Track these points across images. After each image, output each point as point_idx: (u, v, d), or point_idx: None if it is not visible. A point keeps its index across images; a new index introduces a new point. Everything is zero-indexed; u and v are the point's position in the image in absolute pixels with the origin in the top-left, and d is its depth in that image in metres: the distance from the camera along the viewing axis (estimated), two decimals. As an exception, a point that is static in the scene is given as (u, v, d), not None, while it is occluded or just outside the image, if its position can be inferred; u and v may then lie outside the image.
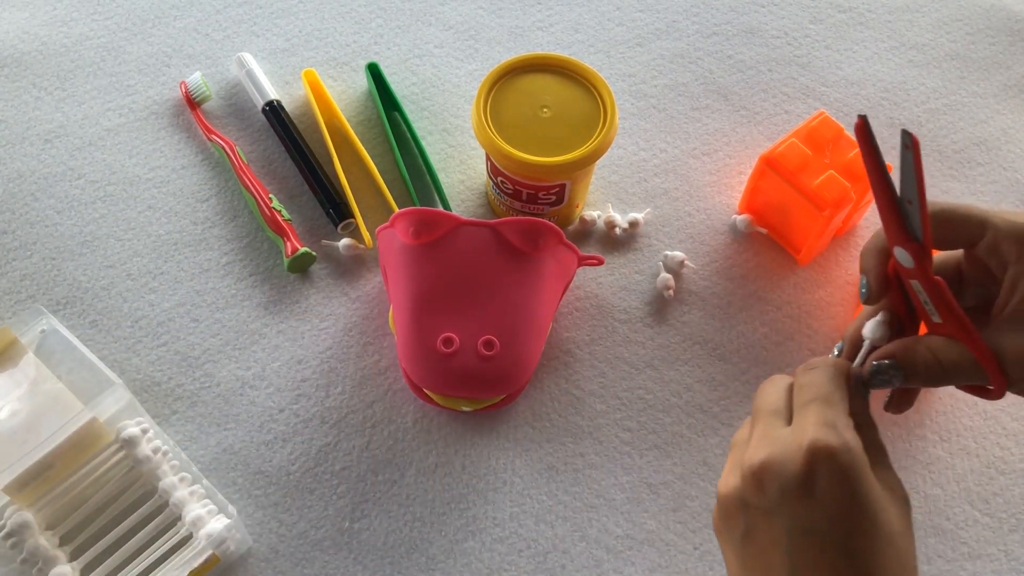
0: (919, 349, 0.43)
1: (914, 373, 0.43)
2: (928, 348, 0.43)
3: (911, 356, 0.43)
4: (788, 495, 0.39)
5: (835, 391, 0.42)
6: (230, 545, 0.56)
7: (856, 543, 0.39)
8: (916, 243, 0.43)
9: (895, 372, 0.43)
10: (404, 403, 0.64)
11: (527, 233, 0.61)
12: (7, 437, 0.57)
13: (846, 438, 0.39)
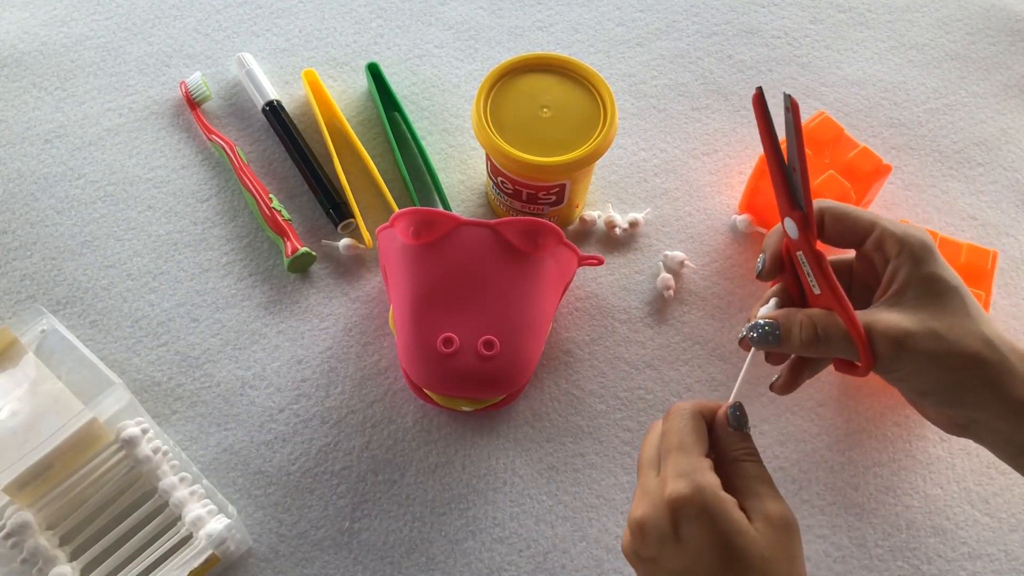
0: (798, 315, 0.48)
1: (789, 335, 0.48)
2: (806, 315, 0.48)
3: (790, 319, 0.48)
4: (664, 545, 0.44)
5: (689, 436, 0.46)
6: (230, 545, 0.56)
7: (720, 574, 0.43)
8: (800, 211, 0.47)
9: (771, 331, 0.48)
10: (404, 403, 0.64)
11: (527, 233, 0.61)
12: (7, 437, 0.57)
13: (699, 484, 0.44)
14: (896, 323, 0.46)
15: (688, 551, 0.44)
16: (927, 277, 0.48)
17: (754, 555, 0.43)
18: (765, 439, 0.63)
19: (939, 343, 0.46)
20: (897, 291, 0.48)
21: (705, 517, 0.43)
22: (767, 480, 0.46)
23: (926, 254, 0.48)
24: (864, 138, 0.76)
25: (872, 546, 0.60)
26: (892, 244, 0.49)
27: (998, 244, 0.71)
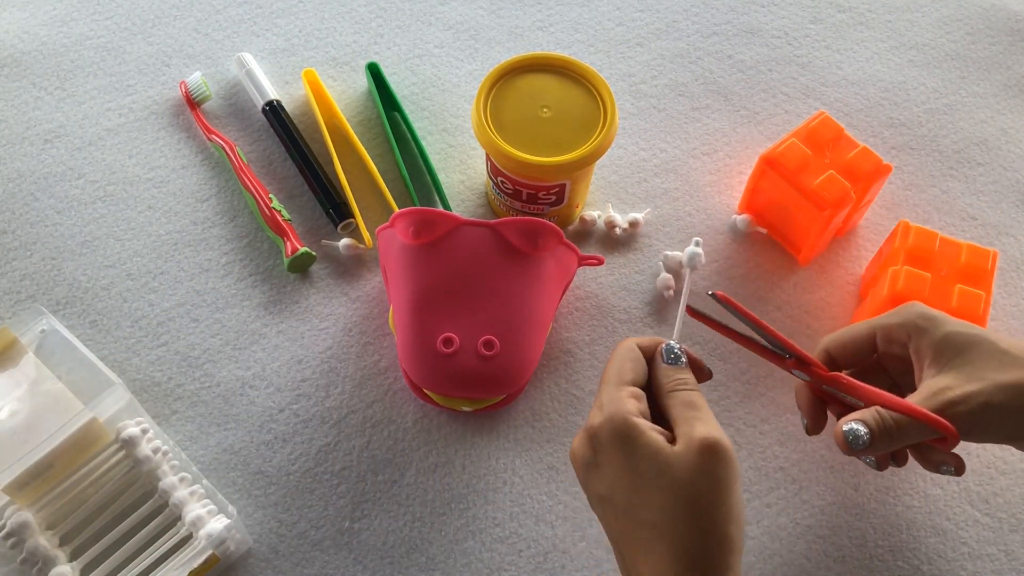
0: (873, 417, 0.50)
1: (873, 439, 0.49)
2: (880, 416, 0.49)
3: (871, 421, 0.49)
4: (588, 471, 0.48)
5: (618, 368, 0.49)
6: (230, 545, 0.56)
7: (635, 499, 0.45)
8: (792, 359, 0.52)
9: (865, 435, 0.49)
10: (404, 403, 0.64)
11: (527, 233, 0.61)
12: (7, 437, 0.57)
13: (612, 412, 0.46)
14: (957, 389, 0.49)
15: (605, 475, 0.47)
16: (944, 338, 0.50)
17: (667, 475, 0.44)
18: (765, 439, 0.63)
19: (1006, 391, 0.48)
20: (932, 363, 0.50)
21: (616, 443, 0.46)
22: (699, 406, 0.47)
23: (929, 322, 0.51)
24: (864, 138, 0.76)
25: (872, 546, 0.60)
26: (897, 332, 0.52)
27: (998, 244, 0.71)
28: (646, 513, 0.45)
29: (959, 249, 0.63)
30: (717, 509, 0.44)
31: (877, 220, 0.72)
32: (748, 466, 0.62)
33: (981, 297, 0.60)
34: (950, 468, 0.52)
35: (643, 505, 0.45)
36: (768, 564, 0.59)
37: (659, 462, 0.45)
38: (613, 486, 0.46)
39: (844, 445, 0.49)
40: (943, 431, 0.48)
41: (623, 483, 0.46)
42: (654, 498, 0.44)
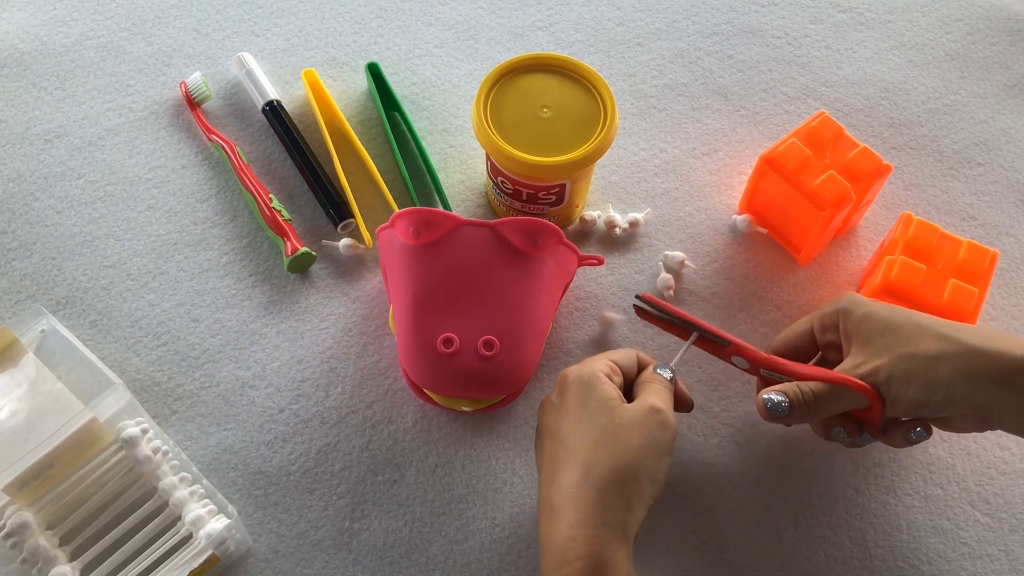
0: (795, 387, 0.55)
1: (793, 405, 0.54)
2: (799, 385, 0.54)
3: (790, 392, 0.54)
4: (546, 411, 0.55)
5: (610, 352, 0.56)
6: (230, 545, 0.56)
7: (572, 430, 0.52)
8: (729, 346, 0.57)
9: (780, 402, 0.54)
10: (404, 403, 0.64)
11: (527, 233, 0.61)
12: (7, 437, 0.57)
13: (583, 365, 0.54)
14: (867, 364, 0.53)
15: (559, 412, 0.53)
16: (864, 317, 0.54)
17: (608, 416, 0.51)
18: (765, 439, 0.63)
19: (906, 361, 0.52)
20: (854, 342, 0.55)
21: (577, 386, 0.53)
22: (663, 391, 0.54)
23: (853, 304, 0.56)
24: (864, 138, 0.76)
25: (872, 546, 0.60)
26: (829, 319, 0.57)
27: (998, 244, 0.71)
28: (576, 440, 0.51)
29: (959, 245, 0.63)
30: (638, 456, 0.50)
31: (877, 220, 0.72)
32: (747, 465, 0.62)
33: (973, 294, 0.60)
34: (919, 432, 0.54)
35: (577, 434, 0.51)
36: (768, 564, 0.59)
37: (607, 406, 0.51)
38: (560, 420, 0.53)
39: (764, 412, 0.54)
40: (861, 392, 0.52)
41: (570, 417, 0.52)
42: (589, 430, 0.51)
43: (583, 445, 0.50)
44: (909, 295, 0.61)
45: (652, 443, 0.50)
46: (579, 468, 0.50)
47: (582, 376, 0.53)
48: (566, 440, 0.51)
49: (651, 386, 0.54)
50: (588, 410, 0.52)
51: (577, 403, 0.52)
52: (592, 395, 0.52)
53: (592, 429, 0.51)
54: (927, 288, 0.61)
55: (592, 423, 0.51)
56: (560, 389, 0.54)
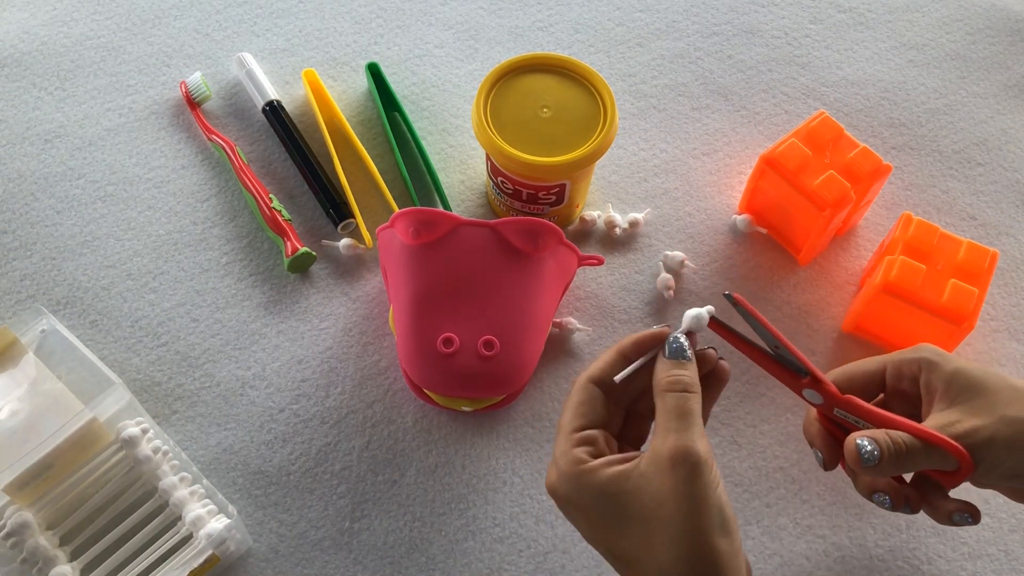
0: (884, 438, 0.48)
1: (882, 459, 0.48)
2: (890, 436, 0.48)
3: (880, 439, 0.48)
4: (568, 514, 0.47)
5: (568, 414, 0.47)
6: (230, 545, 0.56)
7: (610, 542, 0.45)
8: (807, 377, 0.50)
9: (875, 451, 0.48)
10: (404, 403, 0.64)
11: (527, 233, 0.61)
12: (7, 437, 0.57)
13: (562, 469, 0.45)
14: (964, 423, 0.48)
15: (580, 524, 0.46)
16: (955, 372, 0.50)
17: (638, 505, 0.43)
18: (765, 439, 0.63)
19: (1012, 426, 0.48)
20: (941, 397, 0.50)
21: (574, 493, 0.45)
22: (683, 413, 0.44)
23: (941, 357, 0.51)
24: (864, 138, 0.76)
25: (872, 546, 0.60)
26: (909, 367, 0.52)
27: (998, 244, 0.71)
28: (626, 549, 0.44)
29: (959, 245, 0.63)
30: (696, 525, 0.42)
31: (877, 220, 0.72)
32: (748, 466, 0.62)
33: (973, 294, 0.60)
34: (966, 516, 0.51)
35: (620, 542, 0.44)
36: (768, 564, 0.59)
37: (623, 494, 0.43)
38: (590, 535, 0.46)
39: (855, 458, 0.47)
40: (956, 455, 0.47)
41: (596, 527, 0.45)
42: (628, 532, 0.43)
43: (635, 553, 0.43)
44: (909, 295, 0.61)
45: (699, 500, 0.42)
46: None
47: (570, 480, 0.45)
48: (615, 553, 0.45)
49: (668, 409, 0.45)
50: (608, 514, 0.44)
51: (588, 510, 0.45)
52: (595, 491, 0.44)
53: (629, 529, 0.43)
54: (927, 288, 0.61)
55: (624, 523, 0.43)
56: (557, 501, 0.47)
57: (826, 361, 0.66)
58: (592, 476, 0.44)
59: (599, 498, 0.44)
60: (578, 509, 0.45)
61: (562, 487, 0.45)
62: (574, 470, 0.45)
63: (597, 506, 0.44)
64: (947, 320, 0.60)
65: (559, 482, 0.46)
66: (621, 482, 0.44)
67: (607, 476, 0.44)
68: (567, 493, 0.45)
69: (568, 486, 0.45)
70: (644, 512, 0.43)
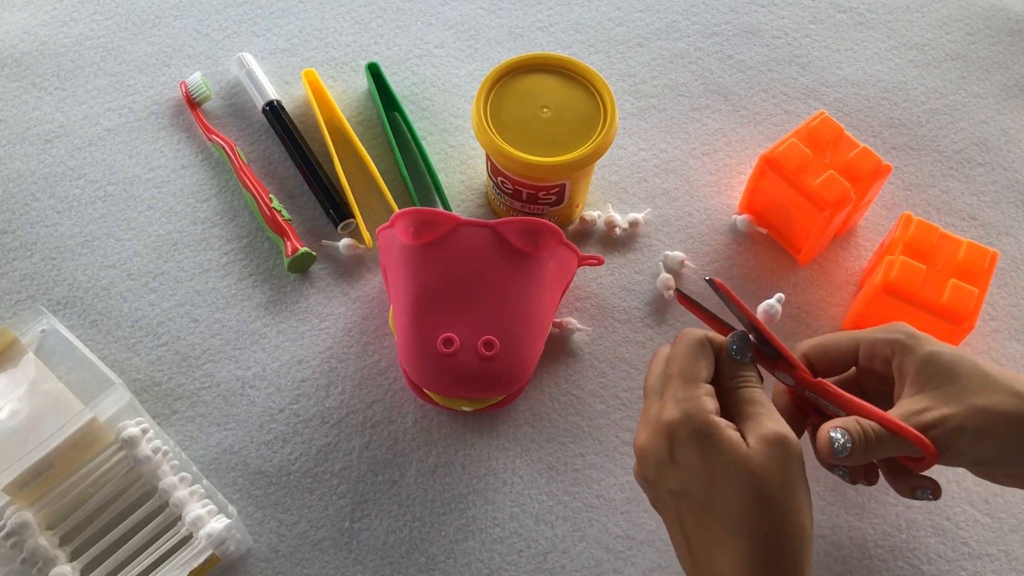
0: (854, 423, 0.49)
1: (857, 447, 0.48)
2: (858, 424, 0.49)
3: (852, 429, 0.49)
4: (661, 467, 0.48)
5: (690, 363, 0.49)
6: (230, 545, 0.56)
7: (713, 491, 0.46)
8: (780, 359, 0.52)
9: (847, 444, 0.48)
10: (404, 403, 0.64)
11: (527, 233, 0.61)
12: (7, 437, 0.57)
13: (691, 409, 0.47)
14: (933, 411, 0.48)
15: (683, 472, 0.47)
16: (928, 357, 0.50)
17: (745, 470, 0.45)
18: (765, 439, 0.63)
19: (981, 415, 0.48)
20: (913, 382, 0.50)
21: (695, 439, 0.46)
22: (763, 402, 0.48)
23: (915, 340, 0.51)
24: (864, 138, 0.76)
25: (872, 546, 0.60)
26: (882, 347, 0.52)
27: (998, 244, 0.71)
28: (726, 505, 0.45)
29: (959, 245, 0.63)
30: (791, 501, 0.45)
31: (877, 220, 0.72)
32: (748, 466, 0.62)
33: (973, 294, 0.60)
34: (927, 492, 0.51)
35: (722, 499, 0.45)
36: (768, 564, 0.59)
37: (737, 458, 0.46)
38: (690, 481, 0.47)
39: (828, 451, 0.48)
40: (922, 448, 0.48)
41: (702, 478, 0.46)
42: (733, 493, 0.45)
43: (736, 508, 0.45)
44: (909, 295, 0.61)
45: (795, 480, 0.46)
46: (742, 535, 0.45)
47: (696, 426, 0.46)
48: (713, 507, 0.46)
49: (749, 395, 0.49)
50: (719, 467, 0.46)
51: (702, 460, 0.46)
52: (715, 446, 0.46)
53: (735, 491, 0.45)
54: (927, 288, 0.61)
55: (731, 482, 0.45)
56: (669, 441, 0.47)
57: (826, 361, 0.66)
58: (719, 431, 0.46)
59: (721, 454, 0.46)
60: (695, 454, 0.46)
61: (685, 428, 0.46)
62: (705, 417, 0.47)
63: (714, 459, 0.46)
64: (947, 320, 0.60)
65: (684, 422, 0.47)
66: (739, 448, 0.46)
67: (731, 437, 0.46)
68: (689, 435, 0.46)
69: (691, 429, 0.46)
70: (754, 480, 0.45)
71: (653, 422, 0.48)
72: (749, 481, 0.45)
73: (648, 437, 0.49)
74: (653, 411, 0.49)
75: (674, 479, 0.47)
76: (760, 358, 0.52)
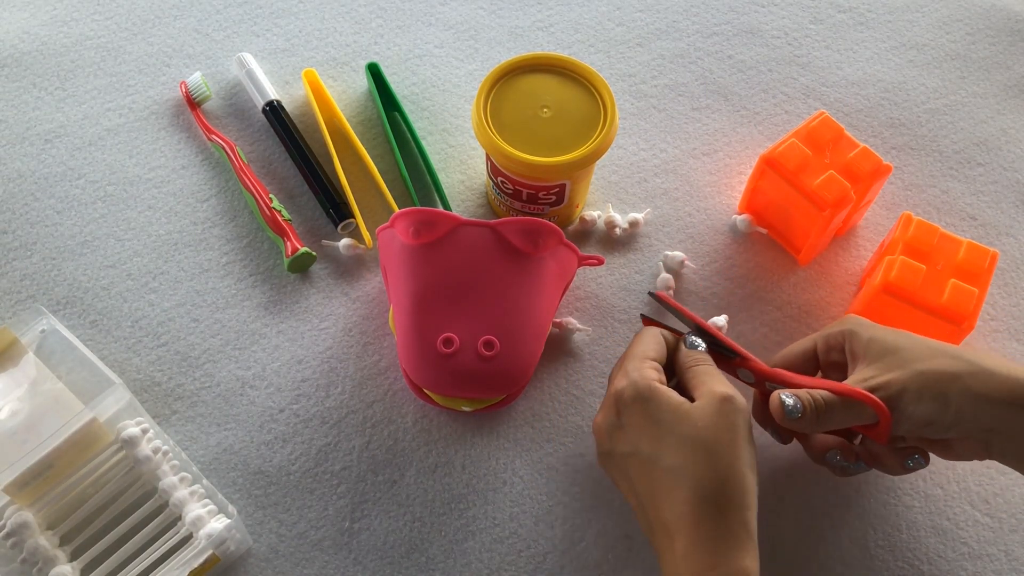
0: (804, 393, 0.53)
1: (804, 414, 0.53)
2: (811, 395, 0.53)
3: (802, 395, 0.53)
4: (612, 434, 0.53)
5: (637, 346, 0.55)
6: (230, 545, 0.56)
7: (658, 447, 0.50)
8: (738, 358, 0.56)
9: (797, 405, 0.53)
10: (404, 403, 0.64)
11: (527, 233, 0.61)
12: (7, 437, 0.57)
13: (634, 378, 0.52)
14: (878, 377, 0.52)
15: (630, 433, 0.52)
16: (872, 338, 0.54)
17: (687, 424, 0.50)
18: (765, 438, 0.63)
19: (920, 377, 0.51)
20: (861, 360, 0.54)
21: (639, 401, 0.51)
22: (713, 374, 0.53)
23: (859, 326, 0.55)
24: (864, 138, 0.76)
25: (872, 546, 0.60)
26: (835, 339, 0.57)
27: (998, 244, 0.71)
28: (669, 459, 0.49)
29: (959, 245, 0.63)
30: (733, 453, 0.49)
31: (877, 220, 0.72)
32: (748, 466, 0.62)
33: (973, 294, 0.60)
34: (918, 459, 0.54)
35: (666, 452, 0.49)
36: (769, 565, 0.59)
37: (679, 414, 0.50)
38: (637, 440, 0.51)
39: (780, 412, 0.52)
40: (871, 404, 0.51)
41: (647, 436, 0.50)
42: (676, 445, 0.49)
43: (678, 460, 0.49)
44: (909, 295, 0.61)
45: (739, 434, 0.50)
46: (684, 484, 0.49)
47: (639, 389, 0.51)
48: (657, 460, 0.50)
49: (701, 370, 0.54)
50: (663, 423, 0.50)
51: (646, 420, 0.51)
52: (658, 406, 0.51)
53: (678, 442, 0.49)
54: (927, 288, 0.61)
55: (675, 436, 0.50)
56: (616, 408, 0.53)
57: (826, 361, 0.66)
58: (660, 392, 0.51)
59: (662, 411, 0.50)
60: (639, 415, 0.51)
61: (629, 392, 0.52)
62: (648, 382, 0.52)
63: (657, 417, 0.50)
64: (947, 320, 0.60)
65: (628, 387, 0.52)
66: (682, 405, 0.50)
67: (672, 396, 0.51)
68: (633, 398, 0.51)
69: (634, 392, 0.51)
70: (695, 433, 0.49)
71: (605, 398, 0.54)
72: (690, 434, 0.49)
73: (601, 414, 0.54)
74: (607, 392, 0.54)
75: (623, 442, 0.52)
76: (718, 360, 0.56)
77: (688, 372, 0.54)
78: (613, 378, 0.55)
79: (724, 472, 0.48)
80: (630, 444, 0.52)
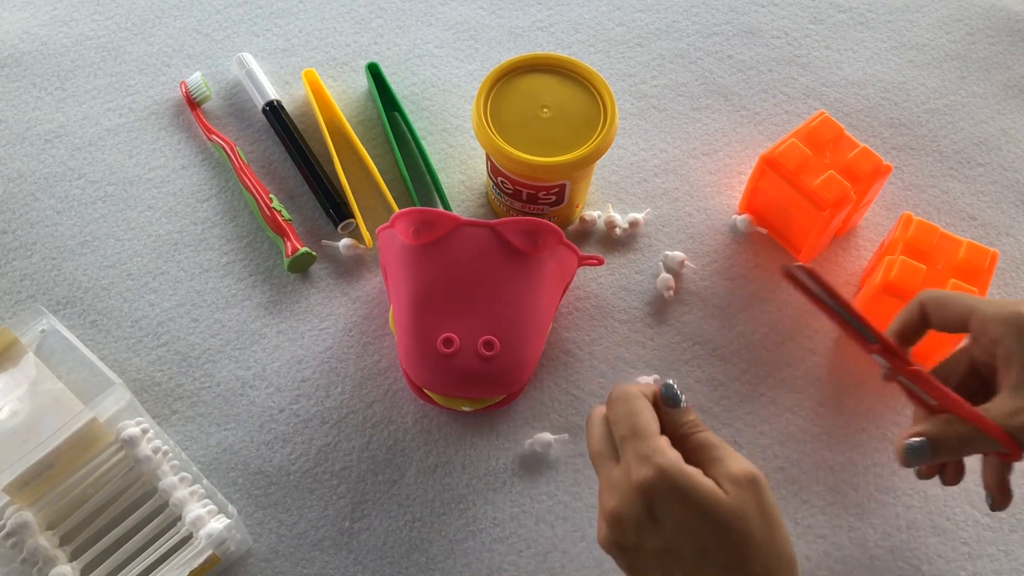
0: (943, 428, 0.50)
1: (938, 449, 0.49)
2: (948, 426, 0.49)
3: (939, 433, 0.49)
4: (642, 530, 0.45)
5: (641, 420, 0.47)
6: (230, 545, 0.56)
7: (703, 543, 0.44)
8: (875, 344, 0.52)
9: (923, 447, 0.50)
10: (404, 403, 0.64)
11: (527, 233, 0.61)
12: (7, 437, 0.57)
13: (662, 464, 0.44)
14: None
15: (667, 529, 0.45)
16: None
17: (729, 516, 0.44)
18: (765, 439, 0.63)
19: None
20: (1019, 374, 0.48)
21: (676, 494, 0.44)
22: (720, 444, 0.47)
23: (1006, 326, 0.49)
24: (864, 138, 0.76)
25: (872, 546, 0.60)
26: (994, 327, 0.50)
27: (998, 244, 0.71)
28: (717, 556, 0.44)
29: (959, 245, 0.63)
30: (774, 536, 0.45)
31: (877, 220, 0.72)
32: (748, 466, 0.62)
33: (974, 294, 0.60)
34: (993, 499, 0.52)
35: (713, 549, 0.44)
36: (768, 564, 0.59)
37: (719, 506, 0.44)
38: (676, 538, 0.45)
39: (901, 460, 0.50)
40: (1008, 447, 0.47)
41: (689, 532, 0.44)
42: (721, 541, 0.44)
43: (725, 557, 0.44)
44: (909, 295, 0.61)
45: (774, 514, 0.46)
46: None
47: (673, 480, 0.44)
48: (706, 558, 0.45)
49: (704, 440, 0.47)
50: (706, 517, 0.44)
51: (687, 514, 0.44)
52: (698, 499, 0.44)
53: (722, 537, 0.44)
54: (927, 287, 0.61)
55: (717, 530, 0.44)
56: (644, 501, 0.45)
57: (827, 362, 0.66)
58: (697, 480, 0.45)
59: (699, 502, 0.44)
60: (680, 510, 0.44)
61: (663, 483, 0.44)
62: (680, 468, 0.45)
63: (694, 509, 0.44)
64: (947, 320, 0.60)
65: (658, 478, 0.44)
66: (716, 494, 0.44)
67: (708, 484, 0.45)
68: (669, 489, 0.44)
69: (672, 485, 0.44)
70: (736, 524, 0.44)
71: (622, 485, 0.46)
72: (734, 526, 0.44)
73: (620, 501, 0.46)
74: (615, 475, 0.46)
75: (658, 538, 0.45)
76: (856, 339, 0.53)
77: (688, 442, 0.47)
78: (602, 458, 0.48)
79: (773, 559, 0.45)
80: (666, 541, 0.45)
